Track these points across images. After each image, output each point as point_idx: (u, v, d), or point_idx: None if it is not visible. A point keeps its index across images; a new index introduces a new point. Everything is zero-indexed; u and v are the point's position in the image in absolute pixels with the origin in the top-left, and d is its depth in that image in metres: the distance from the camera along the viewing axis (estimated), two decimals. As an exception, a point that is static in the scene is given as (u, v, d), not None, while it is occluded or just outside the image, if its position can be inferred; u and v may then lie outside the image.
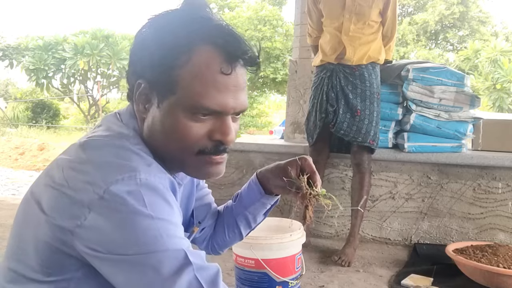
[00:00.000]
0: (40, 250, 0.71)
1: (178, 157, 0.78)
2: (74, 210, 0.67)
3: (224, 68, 0.72)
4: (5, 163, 8.02)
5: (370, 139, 2.42)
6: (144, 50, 0.75)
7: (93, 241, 0.67)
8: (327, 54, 2.48)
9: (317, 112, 2.48)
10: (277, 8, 19.96)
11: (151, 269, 0.65)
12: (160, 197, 0.69)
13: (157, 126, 0.76)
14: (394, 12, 2.47)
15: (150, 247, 0.65)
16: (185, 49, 0.72)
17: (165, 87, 0.73)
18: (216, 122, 0.75)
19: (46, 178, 0.75)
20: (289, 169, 0.93)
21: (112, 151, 0.73)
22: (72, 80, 16.96)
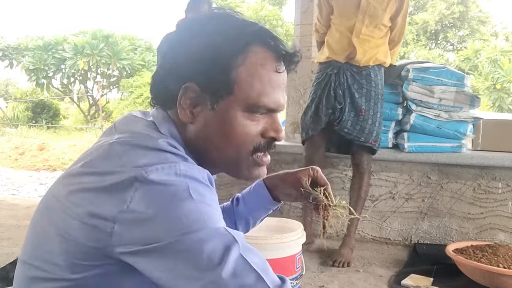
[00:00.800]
0: (69, 249, 0.69)
1: (233, 157, 0.78)
2: (113, 204, 0.66)
3: (278, 67, 0.76)
4: (5, 163, 8.02)
5: (372, 140, 2.41)
6: (192, 53, 0.74)
7: (135, 232, 0.65)
8: (335, 52, 2.45)
9: (323, 107, 2.44)
10: (277, 8, 19.97)
11: (196, 249, 0.63)
12: (202, 185, 0.69)
13: (211, 128, 0.76)
14: (404, 18, 2.49)
15: (193, 227, 0.63)
16: (241, 50, 0.73)
17: (222, 88, 0.74)
18: (268, 120, 0.78)
19: (74, 181, 0.73)
20: (304, 179, 0.94)
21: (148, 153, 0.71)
22: (72, 80, 16.95)
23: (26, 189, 5.76)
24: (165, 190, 0.65)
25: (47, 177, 6.77)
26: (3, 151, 8.68)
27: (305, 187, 0.93)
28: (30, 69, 15.91)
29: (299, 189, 0.94)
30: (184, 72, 0.75)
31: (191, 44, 0.75)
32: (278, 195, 1.00)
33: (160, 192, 0.65)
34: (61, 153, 8.22)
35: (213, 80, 0.73)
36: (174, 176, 0.66)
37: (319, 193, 0.91)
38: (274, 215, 2.71)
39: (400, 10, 2.43)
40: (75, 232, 0.69)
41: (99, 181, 0.69)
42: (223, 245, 0.64)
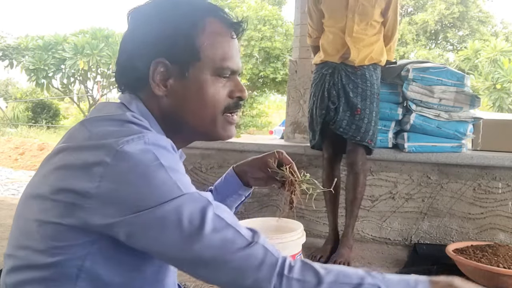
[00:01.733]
0: (47, 232, 0.71)
1: (209, 119, 0.85)
2: (85, 179, 0.68)
3: (232, 34, 0.85)
4: (5, 163, 8.02)
5: (368, 139, 2.41)
6: (155, 32, 0.81)
7: (111, 204, 0.68)
8: (329, 54, 2.46)
9: (317, 108, 2.47)
10: (277, 8, 19.97)
11: (177, 215, 0.68)
12: (169, 153, 0.74)
13: (186, 96, 0.82)
14: (395, 12, 2.46)
15: (169, 195, 0.68)
16: (199, 21, 0.81)
17: (189, 56, 0.81)
18: (231, 83, 0.86)
19: (46, 166, 0.75)
20: (270, 161, 1.02)
21: (113, 123, 0.76)
22: (72, 80, 16.94)
23: (26, 189, 5.76)
24: (138, 161, 0.69)
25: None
26: (3, 151, 8.68)
27: (271, 167, 1.00)
28: (30, 69, 15.91)
29: (267, 172, 1.03)
30: (150, 50, 0.81)
31: (152, 24, 0.81)
32: (249, 181, 1.08)
33: (134, 163, 0.68)
34: (61, 153, 8.22)
35: (180, 52, 0.80)
36: (143, 145, 0.70)
37: (285, 171, 0.98)
38: (274, 215, 2.71)
39: (390, 4, 2.42)
40: (50, 212, 0.71)
41: (70, 158, 0.72)
42: (200, 208, 0.70)
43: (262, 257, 0.70)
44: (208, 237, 0.68)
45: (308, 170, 2.92)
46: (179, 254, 0.70)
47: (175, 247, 0.69)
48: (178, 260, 0.71)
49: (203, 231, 0.68)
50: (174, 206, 0.68)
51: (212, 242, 0.69)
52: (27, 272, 0.73)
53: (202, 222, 0.69)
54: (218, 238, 0.69)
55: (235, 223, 0.73)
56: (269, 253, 0.71)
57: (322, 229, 2.83)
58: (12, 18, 71.65)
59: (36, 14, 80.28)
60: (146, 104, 0.83)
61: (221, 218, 0.71)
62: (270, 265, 0.70)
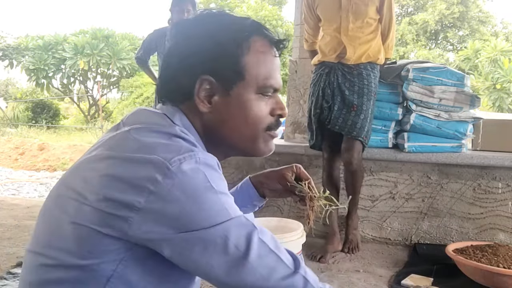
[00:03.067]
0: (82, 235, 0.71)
1: (251, 136, 0.87)
2: (133, 192, 0.69)
3: (275, 52, 0.87)
4: (5, 163, 8.02)
5: (363, 135, 2.42)
6: (201, 50, 0.82)
7: (157, 222, 0.69)
8: (326, 54, 2.49)
9: (312, 108, 2.51)
10: (277, 8, 19.97)
11: (222, 239, 0.69)
12: (218, 173, 0.75)
13: (229, 113, 0.84)
14: (390, 9, 2.47)
15: (218, 219, 0.70)
16: (244, 40, 0.83)
17: (234, 75, 0.82)
18: (273, 100, 0.87)
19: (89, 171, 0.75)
20: (288, 175, 1.03)
21: (161, 135, 0.77)
22: (72, 80, 16.94)
23: (26, 189, 5.76)
24: (189, 181, 0.70)
25: (47, 177, 6.77)
26: (3, 151, 8.68)
27: (290, 182, 1.02)
28: (30, 69, 15.90)
29: (284, 184, 1.04)
30: (196, 67, 0.82)
31: (199, 41, 0.83)
32: (264, 192, 1.09)
33: (185, 183, 0.69)
34: (61, 153, 8.22)
35: (225, 70, 0.82)
36: (194, 164, 0.71)
37: (304, 186, 1.00)
38: (274, 215, 2.71)
39: (384, 1, 2.43)
40: (89, 218, 0.71)
41: (118, 168, 0.72)
42: (246, 233, 0.72)
43: (301, 284, 0.74)
44: (252, 263, 0.71)
45: (308, 170, 2.92)
46: (222, 277, 0.71)
47: (219, 270, 0.70)
48: (220, 282, 0.72)
49: (248, 257, 0.70)
50: (222, 229, 0.70)
51: (255, 269, 0.71)
52: (55, 271, 0.73)
53: (247, 248, 0.71)
54: (261, 264, 0.71)
55: (278, 248, 0.75)
56: (309, 284, 0.74)
57: (322, 229, 2.83)
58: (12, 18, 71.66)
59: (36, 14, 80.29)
60: (188, 117, 0.84)
61: (265, 244, 0.73)
62: None
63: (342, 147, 2.47)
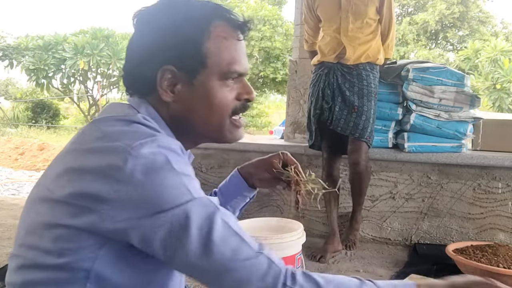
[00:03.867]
0: (56, 233, 0.71)
1: (216, 123, 0.85)
2: (99, 182, 0.68)
3: (238, 36, 0.84)
4: (5, 163, 8.02)
5: (367, 136, 2.42)
6: (161, 39, 0.81)
7: (125, 209, 0.68)
8: (326, 54, 2.49)
9: (312, 108, 2.51)
10: (277, 8, 19.97)
11: (185, 221, 0.69)
12: (180, 157, 0.74)
13: (193, 101, 0.83)
14: (389, 9, 2.47)
15: (179, 200, 0.69)
16: (205, 26, 0.81)
17: (196, 63, 0.81)
18: (239, 85, 0.86)
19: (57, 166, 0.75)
20: (275, 162, 1.03)
21: (124, 123, 0.77)
22: (72, 80, 16.93)
23: (26, 189, 5.76)
24: (150, 164, 0.69)
25: (47, 177, 6.77)
26: (3, 151, 8.68)
27: (277, 168, 1.01)
28: (30, 69, 15.90)
29: (272, 173, 1.03)
30: (158, 57, 0.81)
31: (158, 30, 0.81)
32: (253, 182, 1.08)
33: (146, 166, 0.69)
34: (61, 153, 8.22)
35: (186, 59, 0.81)
36: (156, 148, 0.71)
37: (290, 171, 0.99)
38: (274, 215, 2.71)
39: (384, 2, 2.43)
40: (60, 214, 0.70)
41: (82, 159, 0.72)
42: (208, 214, 0.70)
43: (266, 267, 0.71)
44: (215, 244, 0.69)
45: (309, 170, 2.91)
46: (184, 260, 0.70)
47: (181, 252, 0.69)
48: (183, 265, 0.71)
49: (211, 237, 0.69)
50: (184, 209, 0.69)
51: (219, 249, 0.69)
52: (35, 272, 0.73)
53: (210, 229, 0.69)
54: (225, 245, 0.70)
55: (242, 231, 0.73)
56: (273, 264, 0.72)
57: (322, 229, 2.83)
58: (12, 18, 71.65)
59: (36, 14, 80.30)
60: (155, 108, 0.84)
61: (228, 226, 0.72)
62: (274, 276, 0.71)
63: (348, 149, 2.47)
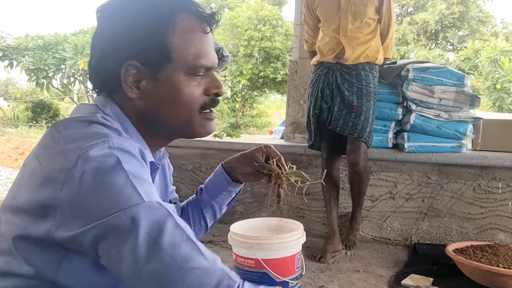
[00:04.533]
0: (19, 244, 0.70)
1: (185, 119, 0.83)
2: (49, 188, 0.66)
3: (204, 29, 0.82)
4: (5, 163, 8.01)
5: (366, 136, 2.42)
6: (124, 34, 0.78)
7: (73, 216, 0.65)
8: (325, 54, 2.49)
9: (311, 108, 2.52)
10: (277, 8, 19.96)
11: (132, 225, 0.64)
12: (134, 158, 0.71)
13: (159, 98, 0.80)
14: (389, 9, 2.47)
15: (128, 203, 0.65)
16: (169, 19, 0.78)
17: (160, 58, 0.78)
18: (207, 79, 0.83)
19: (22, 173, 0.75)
20: (257, 155, 1.01)
21: (82, 124, 0.74)
22: (72, 80, 16.94)
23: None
24: (99, 165, 0.66)
25: (47, 177, 6.77)
26: (3, 151, 8.68)
27: (258, 161, 1.00)
28: (30, 69, 15.89)
29: (254, 166, 1.01)
30: (121, 52, 0.78)
31: (121, 24, 0.78)
32: (237, 177, 1.07)
33: (94, 168, 0.66)
34: (61, 153, 8.21)
35: (150, 54, 0.78)
36: (107, 149, 0.68)
37: (272, 164, 0.97)
38: (274, 215, 2.71)
39: (383, 1, 2.43)
40: (23, 223, 0.69)
41: (38, 165, 0.71)
42: (158, 218, 0.66)
43: (219, 278, 0.67)
44: (164, 249, 0.64)
45: (308, 170, 2.92)
46: (132, 267, 0.64)
47: (129, 259, 0.64)
48: (131, 274, 0.65)
49: (160, 242, 0.64)
50: (131, 214, 0.64)
51: (168, 256, 0.65)
52: (8, 279, 0.71)
53: (159, 233, 0.65)
54: (175, 251, 0.65)
55: (195, 239, 0.69)
56: (227, 276, 0.68)
57: (322, 229, 2.83)
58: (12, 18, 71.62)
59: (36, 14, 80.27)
60: (121, 106, 0.81)
61: (181, 231, 0.67)
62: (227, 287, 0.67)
63: (347, 149, 2.47)
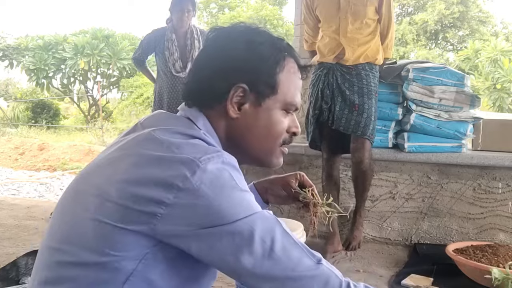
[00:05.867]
0: (104, 232, 0.72)
1: (269, 148, 0.91)
2: (162, 189, 0.71)
3: (301, 75, 0.93)
4: (5, 163, 8.01)
5: (369, 133, 2.42)
6: (242, 57, 0.86)
7: (185, 218, 0.71)
8: (325, 55, 2.49)
9: (311, 109, 2.52)
10: (277, 8, 19.96)
11: (249, 231, 0.72)
12: (240, 174, 0.78)
13: (255, 122, 0.88)
14: (388, 9, 2.47)
15: (244, 213, 0.73)
16: (282, 59, 0.88)
17: (268, 89, 0.87)
18: (291, 118, 0.93)
19: (111, 168, 0.77)
20: (292, 181, 1.07)
21: (189, 138, 0.80)
22: (72, 80, 16.93)
23: (26, 189, 5.75)
24: (216, 179, 0.73)
25: (47, 177, 6.77)
26: (3, 151, 8.67)
27: (295, 188, 1.06)
28: (30, 69, 15.88)
29: (288, 191, 1.08)
30: (234, 74, 0.86)
31: (239, 50, 0.87)
32: (268, 198, 1.12)
33: (212, 180, 0.73)
34: (61, 153, 8.21)
35: (261, 82, 0.87)
36: (221, 164, 0.75)
37: (308, 193, 1.03)
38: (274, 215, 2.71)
39: (383, 2, 2.43)
40: (112, 215, 0.72)
41: (146, 166, 0.74)
42: (270, 226, 0.75)
43: (327, 278, 0.77)
44: (278, 254, 0.73)
45: (309, 170, 2.92)
46: (248, 270, 0.73)
47: (246, 262, 0.72)
48: (247, 275, 0.74)
49: (274, 248, 0.73)
50: (248, 223, 0.73)
51: (281, 260, 0.73)
52: (73, 269, 0.73)
53: (273, 240, 0.73)
54: (287, 256, 0.74)
55: (301, 242, 0.77)
56: (333, 275, 0.78)
57: (322, 229, 2.83)
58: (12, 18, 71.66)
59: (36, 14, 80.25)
60: (212, 122, 0.88)
61: (289, 237, 0.76)
62: (334, 286, 0.76)
63: (351, 147, 2.48)
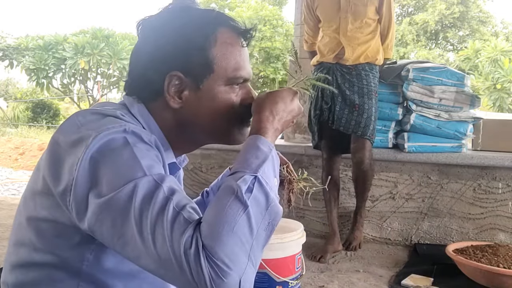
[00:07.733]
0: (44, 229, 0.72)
1: (225, 127, 0.86)
2: (68, 173, 0.68)
3: (242, 42, 0.86)
4: (5, 163, 8.01)
5: (369, 133, 2.42)
6: (168, 46, 0.81)
7: (83, 192, 0.66)
8: (325, 55, 2.50)
9: (312, 109, 2.53)
10: (277, 8, 19.95)
11: (126, 202, 0.64)
12: (144, 143, 0.72)
13: (201, 107, 0.83)
14: (389, 9, 2.47)
15: (128, 177, 0.65)
16: (211, 33, 0.82)
17: (203, 69, 0.82)
18: (243, 90, 0.87)
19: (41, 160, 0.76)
20: None
21: (99, 116, 0.75)
22: (72, 80, 16.92)
23: (26, 189, 5.75)
24: (108, 143, 0.68)
25: (47, 177, 6.77)
26: (3, 151, 8.67)
27: None
28: (30, 69, 15.88)
29: None
30: (164, 64, 0.81)
31: (165, 37, 0.82)
32: None
33: (104, 145, 0.68)
34: (61, 153, 8.21)
35: (194, 65, 0.81)
36: (121, 133, 0.70)
37: (283, 170, 0.99)
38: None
39: (383, 1, 2.43)
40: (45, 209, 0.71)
41: (59, 150, 0.71)
42: (150, 189, 0.65)
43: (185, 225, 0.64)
44: (152, 223, 0.63)
45: (309, 170, 2.92)
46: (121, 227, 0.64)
47: (125, 232, 0.64)
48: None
49: (147, 214, 0.64)
50: (127, 191, 0.65)
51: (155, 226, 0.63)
52: (28, 270, 0.73)
53: (148, 206, 0.64)
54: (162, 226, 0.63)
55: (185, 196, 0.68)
56: None
57: (322, 229, 2.83)
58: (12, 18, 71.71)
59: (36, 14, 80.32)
60: (156, 114, 0.83)
61: (169, 200, 0.65)
62: None
63: (351, 147, 2.48)
